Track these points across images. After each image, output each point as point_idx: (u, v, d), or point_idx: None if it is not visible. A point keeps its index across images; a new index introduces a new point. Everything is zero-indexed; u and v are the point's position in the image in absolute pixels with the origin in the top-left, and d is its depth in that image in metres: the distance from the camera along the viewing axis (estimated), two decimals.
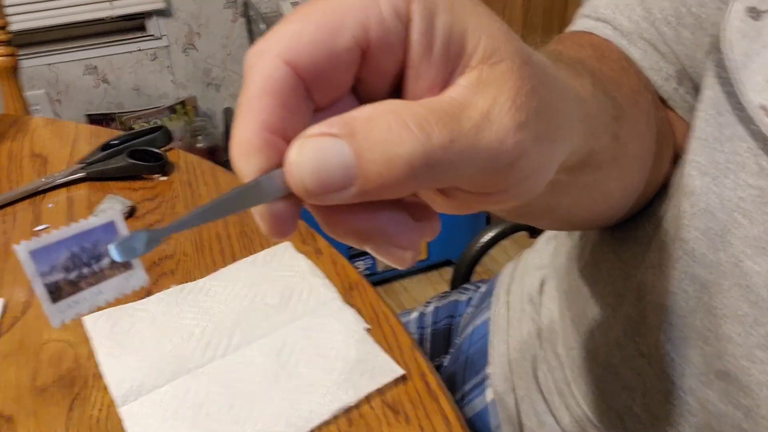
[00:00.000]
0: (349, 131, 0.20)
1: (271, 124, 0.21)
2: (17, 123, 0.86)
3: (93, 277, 0.22)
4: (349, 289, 0.53)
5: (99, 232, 0.22)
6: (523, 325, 0.62)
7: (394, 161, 0.20)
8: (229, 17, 2.12)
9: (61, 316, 0.22)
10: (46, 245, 0.21)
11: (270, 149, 0.21)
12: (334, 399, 0.43)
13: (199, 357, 0.47)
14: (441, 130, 0.20)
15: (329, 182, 0.20)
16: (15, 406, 0.45)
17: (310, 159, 0.20)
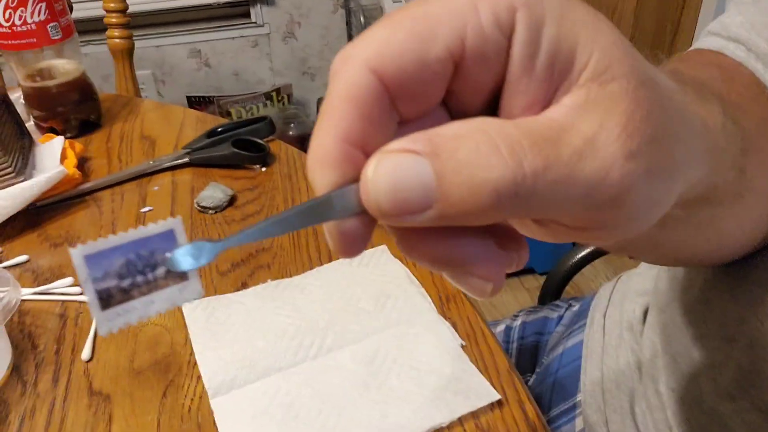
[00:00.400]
0: (433, 149, 0.18)
1: (351, 135, 0.20)
2: (129, 104, 0.89)
3: (146, 286, 0.21)
4: (446, 300, 0.51)
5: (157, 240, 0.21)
6: (621, 353, 0.58)
7: (479, 187, 0.18)
8: (329, 8, 2.14)
9: (110, 324, 0.21)
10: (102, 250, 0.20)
11: (348, 162, 0.20)
12: (425, 416, 0.42)
13: (291, 356, 0.46)
14: (535, 156, 0.18)
15: (406, 203, 0.18)
16: (113, 386, 0.46)
17: (388, 176, 0.18)
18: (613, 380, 0.57)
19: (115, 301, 0.21)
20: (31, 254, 0.59)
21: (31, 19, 0.72)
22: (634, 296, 0.60)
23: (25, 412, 0.44)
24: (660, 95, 0.20)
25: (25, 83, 0.77)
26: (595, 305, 0.67)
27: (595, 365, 0.61)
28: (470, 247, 0.21)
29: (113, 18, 1.10)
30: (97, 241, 0.20)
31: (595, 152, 0.18)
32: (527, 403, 0.43)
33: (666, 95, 0.20)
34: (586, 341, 0.64)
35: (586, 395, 0.60)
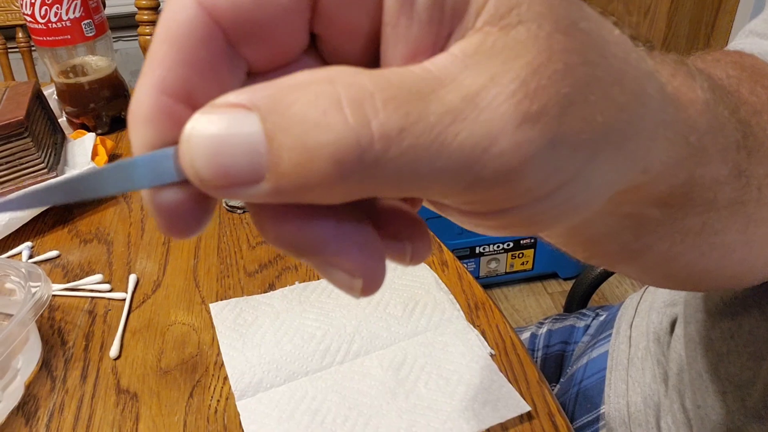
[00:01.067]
0: (267, 104, 0.14)
1: (170, 84, 0.16)
2: None
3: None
4: (475, 308, 0.50)
5: None
6: (647, 366, 0.57)
7: (312, 152, 0.14)
8: None
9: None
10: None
11: (166, 118, 0.16)
12: (454, 427, 0.41)
13: (318, 361, 0.46)
14: (389, 114, 0.14)
15: (230, 172, 0.14)
16: (140, 385, 0.46)
17: (208, 136, 0.14)
18: (639, 393, 0.56)
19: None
20: (61, 250, 0.60)
21: (66, 16, 0.72)
22: (661, 306, 0.59)
23: (54, 407, 0.44)
24: (588, 47, 0.16)
25: (59, 79, 0.78)
26: (621, 315, 0.66)
27: (620, 377, 0.60)
28: (332, 231, 0.16)
29: (145, 15, 1.11)
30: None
31: (476, 113, 0.14)
32: (557, 416, 0.42)
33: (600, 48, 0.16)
34: (611, 352, 0.63)
35: (611, 407, 0.59)
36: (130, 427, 0.43)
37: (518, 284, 1.85)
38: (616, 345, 0.63)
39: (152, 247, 0.60)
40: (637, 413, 0.55)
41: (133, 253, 0.59)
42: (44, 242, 0.61)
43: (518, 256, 1.76)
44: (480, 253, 1.73)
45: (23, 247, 0.60)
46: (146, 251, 0.59)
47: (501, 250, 1.72)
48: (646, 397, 0.55)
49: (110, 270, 0.57)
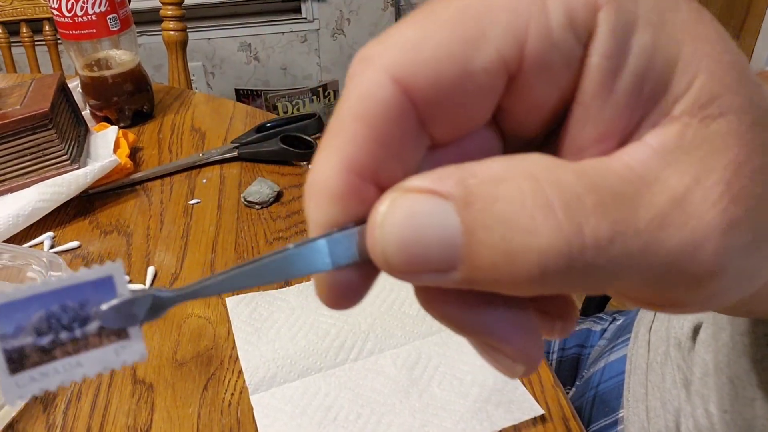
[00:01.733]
0: (464, 194, 0.14)
1: (360, 163, 0.15)
2: (181, 96, 0.90)
3: (72, 344, 0.17)
4: None
5: (90, 289, 0.17)
6: (666, 371, 0.56)
7: (518, 255, 0.13)
8: (380, 5, 2.14)
9: (19, 391, 0.17)
10: (15, 300, 0.16)
11: (353, 198, 0.15)
12: (466, 427, 0.41)
13: (331, 358, 0.46)
14: (600, 219, 0.13)
15: (422, 260, 0.14)
16: (156, 376, 0.46)
17: (402, 223, 0.14)
18: (658, 398, 0.56)
19: (30, 363, 0.17)
20: (82, 240, 0.60)
21: (92, 10, 0.73)
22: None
23: (71, 395, 0.45)
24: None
25: (83, 72, 0.79)
26: (639, 319, 0.65)
27: (638, 381, 0.59)
28: (500, 315, 0.16)
29: (169, 10, 1.12)
30: (12, 289, 0.16)
31: (684, 218, 0.14)
32: (571, 420, 0.42)
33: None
34: (629, 356, 0.62)
35: (629, 411, 0.58)
36: (145, 417, 0.43)
37: None
38: (635, 349, 0.62)
39: (171, 240, 0.60)
40: (656, 418, 0.55)
41: (152, 246, 0.59)
42: (65, 233, 0.62)
43: None
44: None
45: (45, 237, 0.61)
46: (165, 244, 0.60)
47: None
48: (666, 402, 0.55)
49: (129, 262, 0.57)
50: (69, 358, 0.17)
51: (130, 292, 0.17)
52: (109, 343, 0.17)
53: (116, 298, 0.17)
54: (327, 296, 0.17)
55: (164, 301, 0.17)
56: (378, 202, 0.15)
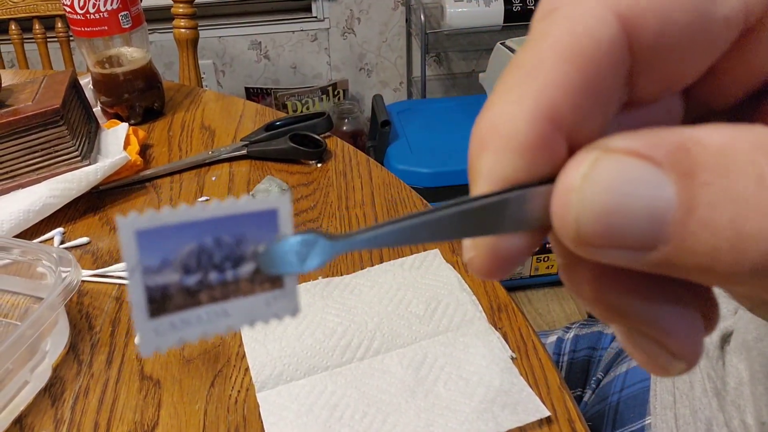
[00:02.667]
0: (685, 165, 0.12)
1: (561, 112, 0.13)
2: (191, 94, 0.91)
3: (221, 288, 0.14)
4: (497, 310, 0.50)
5: (251, 221, 0.14)
6: (695, 379, 0.56)
7: (749, 240, 0.11)
8: (390, 5, 2.14)
9: (157, 340, 0.14)
10: (165, 226, 0.13)
11: (544, 151, 0.13)
12: (471, 428, 0.41)
13: (338, 356, 0.46)
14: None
15: (620, 234, 0.12)
16: (163, 372, 0.46)
17: (606, 190, 0.12)
18: (688, 406, 0.55)
19: (172, 306, 0.14)
20: (91, 236, 0.61)
21: (104, 8, 0.74)
22: None
23: (79, 390, 0.45)
24: None
25: (95, 69, 0.79)
26: None
27: (665, 389, 0.58)
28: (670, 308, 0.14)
29: (180, 8, 1.13)
30: (160, 212, 0.14)
31: None
32: (577, 422, 0.42)
33: None
34: None
35: (657, 419, 0.57)
36: (152, 413, 0.43)
37: (542, 288, 1.83)
38: None
39: None
40: (687, 426, 0.54)
41: None
42: (75, 229, 0.62)
43: (543, 259, 1.74)
44: None
45: (55, 232, 0.61)
46: None
47: None
48: (696, 411, 0.54)
49: None
50: (215, 305, 0.14)
51: (293, 232, 0.14)
52: (261, 291, 0.15)
53: (279, 238, 0.14)
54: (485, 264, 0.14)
55: (334, 247, 0.14)
56: (573, 161, 0.13)
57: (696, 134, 0.12)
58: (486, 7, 1.89)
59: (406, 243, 0.14)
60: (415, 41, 2.14)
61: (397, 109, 1.92)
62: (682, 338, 0.14)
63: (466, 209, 0.14)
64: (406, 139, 1.77)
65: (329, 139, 0.75)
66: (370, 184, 0.67)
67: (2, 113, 0.62)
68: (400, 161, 1.70)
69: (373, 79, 2.29)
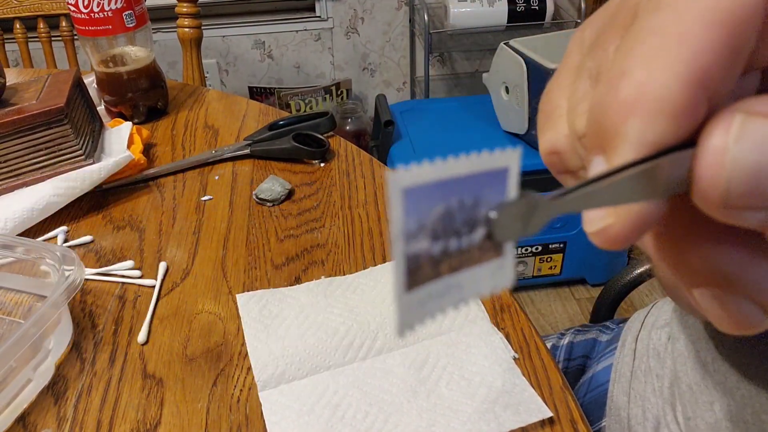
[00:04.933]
0: None
1: (714, 79, 0.13)
2: (195, 93, 0.91)
3: (458, 256, 0.13)
4: (500, 310, 0.50)
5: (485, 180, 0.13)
6: (648, 380, 0.56)
7: None
8: (394, 4, 2.14)
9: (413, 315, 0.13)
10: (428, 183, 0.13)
11: (692, 117, 0.13)
12: (473, 428, 0.41)
13: (340, 356, 0.46)
14: None
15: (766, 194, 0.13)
16: (166, 371, 0.47)
17: (756, 150, 0.13)
18: (640, 406, 0.55)
19: (422, 278, 0.13)
20: (95, 235, 0.61)
21: (108, 7, 0.74)
22: (662, 324, 0.58)
23: (82, 389, 0.45)
24: None
25: (99, 68, 0.79)
26: (627, 328, 0.64)
27: (622, 390, 0.58)
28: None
29: (184, 7, 1.13)
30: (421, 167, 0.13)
31: None
32: (579, 423, 0.42)
33: None
34: (615, 365, 0.62)
35: (611, 420, 0.58)
36: (155, 412, 0.43)
37: (545, 289, 1.83)
38: (621, 358, 0.61)
39: (182, 236, 0.61)
40: (637, 426, 0.55)
41: (163, 241, 0.60)
42: (79, 227, 0.63)
43: (546, 260, 1.74)
44: None
45: (59, 231, 0.61)
46: (177, 240, 0.60)
47: (529, 254, 1.70)
48: (646, 410, 0.54)
49: (141, 257, 0.58)
50: (451, 277, 0.14)
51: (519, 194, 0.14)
52: (486, 260, 0.14)
53: (509, 201, 0.14)
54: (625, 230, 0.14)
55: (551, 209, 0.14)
56: (719, 124, 0.13)
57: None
58: (489, 7, 1.89)
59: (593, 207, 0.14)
60: (419, 41, 2.14)
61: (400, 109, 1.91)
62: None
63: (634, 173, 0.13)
64: (409, 138, 1.77)
65: (332, 139, 0.75)
66: (373, 183, 0.67)
67: (6, 112, 0.63)
68: (403, 161, 1.69)
69: (376, 79, 2.29)
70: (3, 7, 1.29)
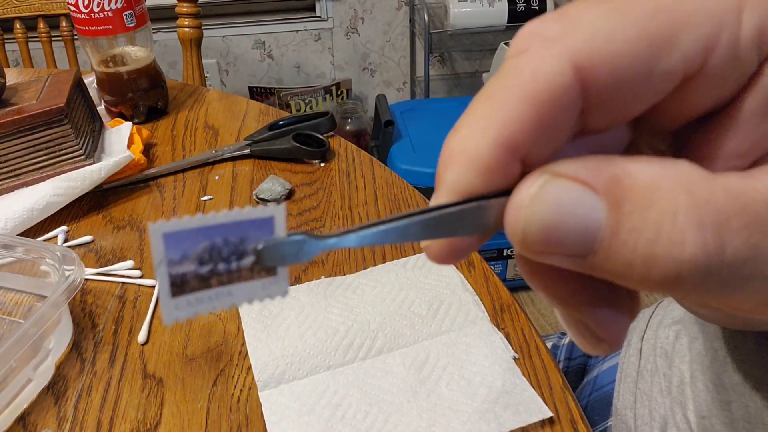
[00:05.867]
0: (616, 195, 0.14)
1: (517, 143, 0.15)
2: (195, 93, 0.91)
3: (227, 275, 0.18)
4: (500, 311, 0.50)
5: (252, 226, 0.18)
6: (655, 380, 0.56)
7: (657, 263, 0.14)
8: (394, 4, 2.14)
9: (177, 313, 0.18)
10: (185, 230, 0.17)
11: (501, 173, 0.16)
12: (473, 428, 0.41)
13: (340, 356, 0.46)
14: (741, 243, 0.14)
15: (558, 245, 0.15)
16: (166, 371, 0.47)
17: (550, 209, 0.15)
18: (647, 406, 0.55)
19: (189, 289, 0.18)
20: (95, 235, 0.61)
21: (109, 7, 0.74)
22: (669, 323, 0.58)
23: (82, 388, 0.45)
24: None
25: (99, 68, 0.79)
26: (633, 328, 0.64)
27: (628, 389, 0.59)
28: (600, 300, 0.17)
29: (184, 7, 1.13)
30: (181, 219, 0.17)
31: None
32: (580, 423, 0.42)
33: None
34: (621, 364, 0.62)
35: (618, 420, 0.58)
36: (155, 412, 0.43)
37: None
38: (627, 357, 0.62)
39: None
40: (644, 426, 0.55)
41: None
42: (79, 227, 0.63)
43: None
44: (507, 255, 1.72)
45: (59, 231, 0.61)
46: None
47: None
48: (653, 410, 0.54)
49: (141, 257, 0.58)
50: (222, 288, 0.18)
51: (285, 235, 0.18)
52: (258, 278, 0.18)
53: (273, 238, 0.18)
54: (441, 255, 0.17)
55: (315, 246, 0.18)
56: (526, 181, 0.15)
57: (630, 168, 0.15)
58: (490, 7, 1.89)
59: (379, 244, 0.17)
60: (419, 41, 2.14)
61: (400, 109, 1.92)
62: (607, 326, 0.17)
63: (433, 216, 0.17)
64: (409, 138, 1.77)
65: (332, 139, 0.75)
66: (373, 183, 0.67)
67: (7, 112, 0.63)
68: (403, 161, 1.70)
69: (376, 79, 2.29)
70: (3, 7, 1.29)
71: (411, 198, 0.65)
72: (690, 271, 0.14)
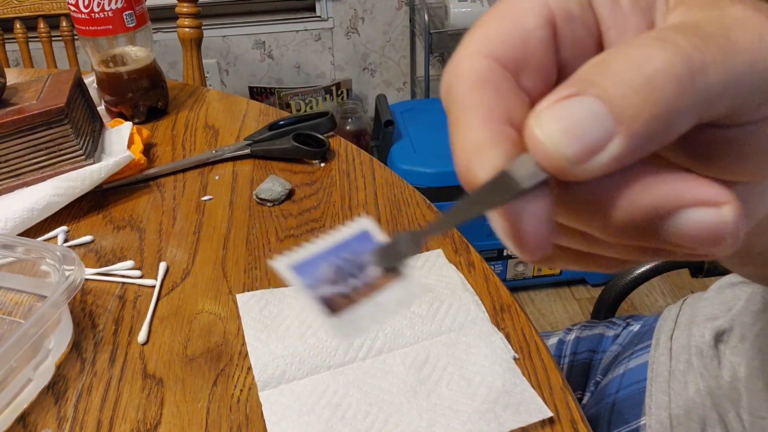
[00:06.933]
0: (584, 83, 0.17)
1: (496, 113, 0.18)
2: (195, 93, 0.91)
3: (365, 288, 0.20)
4: (500, 310, 0.50)
5: (354, 241, 0.20)
6: (689, 380, 0.56)
7: (653, 79, 0.16)
8: (394, 4, 2.14)
9: (345, 329, 0.20)
10: (305, 259, 0.20)
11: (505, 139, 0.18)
12: (473, 428, 0.41)
13: (340, 356, 0.46)
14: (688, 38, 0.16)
15: (588, 140, 0.16)
16: (166, 371, 0.47)
17: (556, 123, 0.16)
18: (682, 407, 0.55)
19: (338, 306, 0.20)
20: (95, 235, 0.61)
21: (109, 7, 0.74)
22: (702, 321, 0.58)
23: (82, 388, 0.45)
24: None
25: (99, 68, 0.79)
26: (660, 327, 0.65)
27: (661, 389, 0.58)
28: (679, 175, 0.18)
29: (184, 7, 1.13)
30: (296, 252, 0.20)
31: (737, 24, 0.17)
32: (580, 423, 0.42)
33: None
34: (651, 363, 0.62)
35: (652, 419, 0.58)
36: (155, 412, 0.43)
37: (545, 288, 1.83)
38: (656, 357, 0.62)
39: (183, 236, 0.61)
40: (680, 426, 0.54)
41: (164, 241, 0.60)
42: (79, 227, 0.63)
43: None
44: (508, 255, 1.72)
45: (59, 231, 0.61)
46: (177, 240, 0.60)
47: None
48: (690, 411, 0.54)
49: (141, 257, 0.58)
50: (368, 300, 0.20)
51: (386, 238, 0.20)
52: (391, 283, 0.20)
53: (383, 242, 0.20)
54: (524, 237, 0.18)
55: (418, 236, 0.20)
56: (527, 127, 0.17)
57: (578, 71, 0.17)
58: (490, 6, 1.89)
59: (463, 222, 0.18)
60: (419, 41, 2.14)
61: (400, 109, 1.91)
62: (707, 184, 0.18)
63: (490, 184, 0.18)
64: (409, 138, 1.77)
65: (332, 139, 0.75)
66: (373, 183, 0.67)
67: (7, 112, 0.63)
68: (403, 161, 1.69)
69: (376, 79, 2.29)
70: (3, 7, 1.29)
71: (411, 198, 0.65)
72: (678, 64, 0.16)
